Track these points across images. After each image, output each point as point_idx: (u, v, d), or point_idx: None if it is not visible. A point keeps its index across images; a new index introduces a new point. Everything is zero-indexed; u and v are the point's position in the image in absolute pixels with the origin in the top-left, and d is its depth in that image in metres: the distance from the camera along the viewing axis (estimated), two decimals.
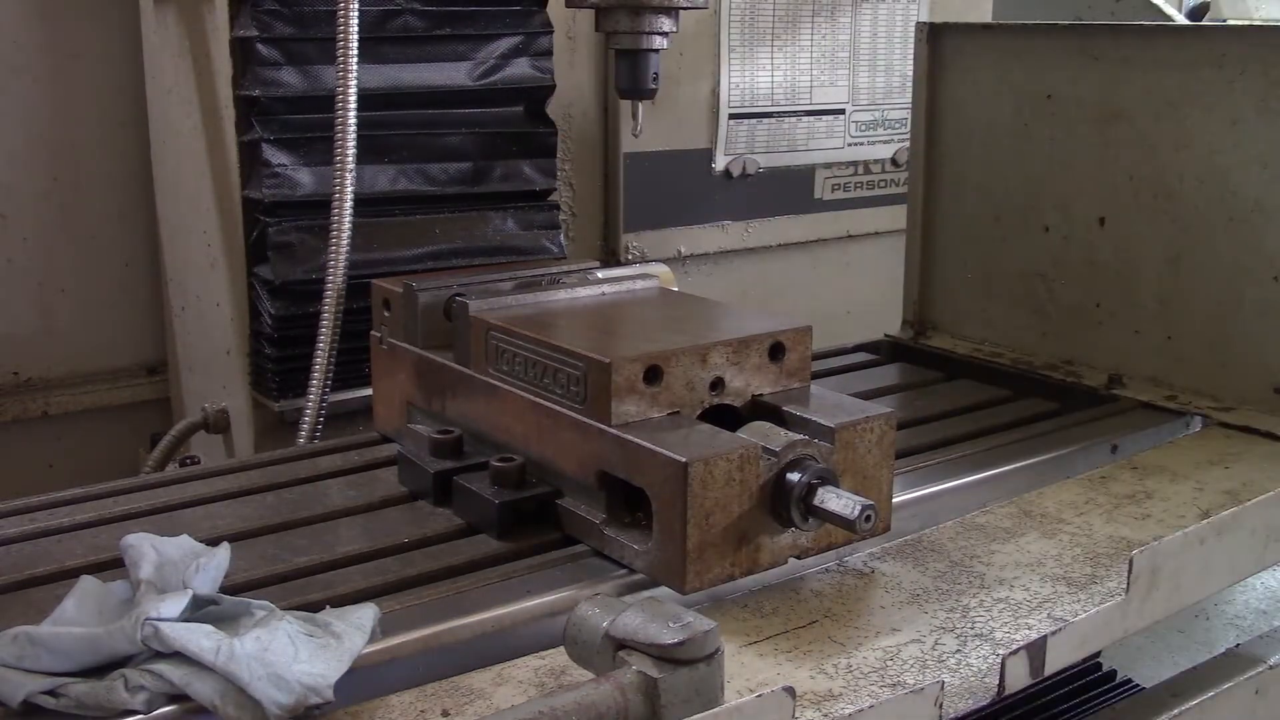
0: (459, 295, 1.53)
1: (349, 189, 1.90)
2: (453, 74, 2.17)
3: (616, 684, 0.96)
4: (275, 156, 2.02)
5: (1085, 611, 1.20)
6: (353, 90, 1.88)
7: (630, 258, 2.62)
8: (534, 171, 2.27)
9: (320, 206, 1.97)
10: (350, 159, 1.89)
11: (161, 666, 0.99)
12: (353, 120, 1.89)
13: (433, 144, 2.17)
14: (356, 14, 1.87)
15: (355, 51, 1.88)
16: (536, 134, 2.27)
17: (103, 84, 2.44)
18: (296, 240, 2.03)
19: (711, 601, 1.23)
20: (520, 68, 2.23)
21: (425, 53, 2.14)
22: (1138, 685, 1.66)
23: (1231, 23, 3.52)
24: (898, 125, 2.95)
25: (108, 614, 1.08)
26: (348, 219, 1.89)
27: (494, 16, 2.19)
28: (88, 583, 1.13)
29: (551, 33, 2.25)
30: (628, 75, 1.96)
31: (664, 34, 1.94)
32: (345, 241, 1.89)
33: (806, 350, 1.41)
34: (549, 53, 2.26)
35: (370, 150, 2.01)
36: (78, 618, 1.08)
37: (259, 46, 1.99)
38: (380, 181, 2.10)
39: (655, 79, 1.96)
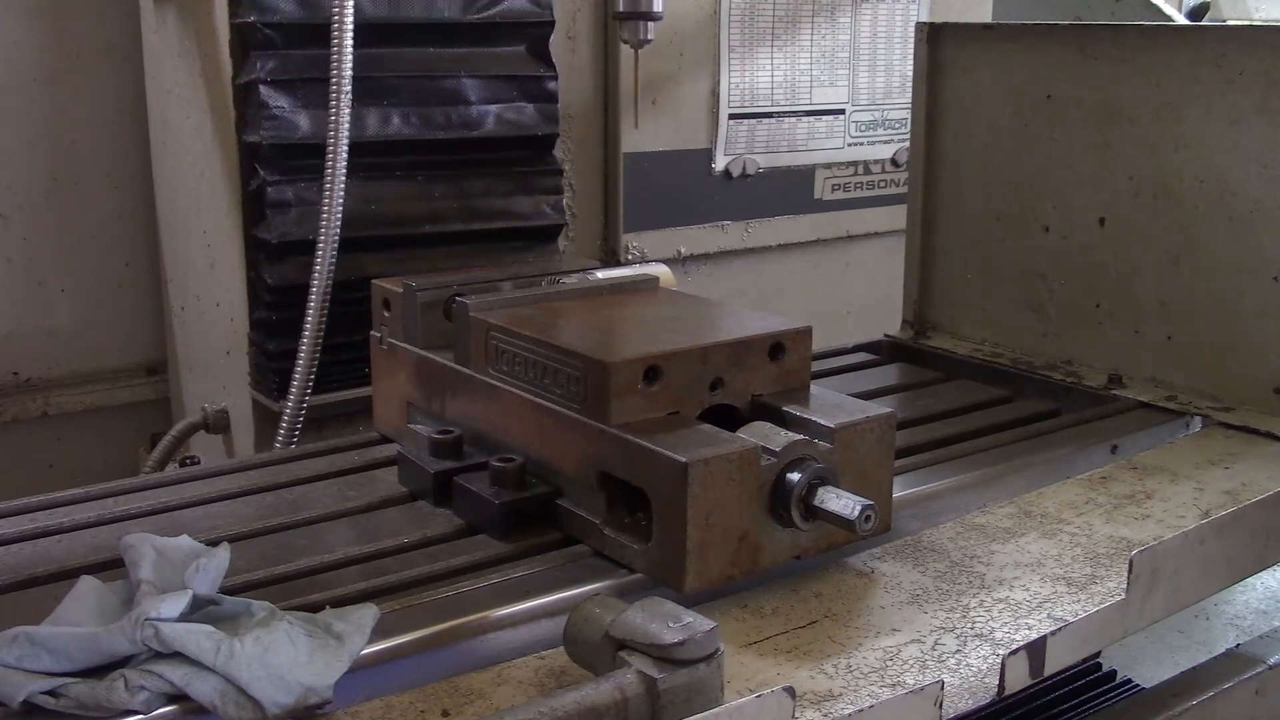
0: (459, 295, 1.53)
1: (345, 121, 1.87)
2: (448, 6, 2.12)
3: (616, 684, 0.96)
4: (273, 98, 2.00)
5: (1085, 611, 1.20)
6: (349, 19, 1.86)
7: (630, 258, 2.62)
8: (536, 117, 2.24)
9: (319, 152, 1.93)
10: (346, 93, 1.87)
11: (161, 666, 0.99)
12: (349, 54, 1.86)
13: (431, 87, 2.13)
14: None
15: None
16: (537, 77, 2.24)
17: (103, 84, 2.45)
18: (294, 197, 2.01)
19: (711, 601, 1.23)
20: (518, 2, 2.19)
21: None
22: (1138, 685, 1.66)
23: (1231, 23, 3.52)
24: (898, 125, 2.95)
25: (108, 614, 1.08)
26: (343, 160, 1.87)
27: None
28: (88, 583, 1.13)
29: None
30: None
31: None
32: (340, 188, 1.87)
33: (806, 350, 1.41)
34: None
35: (367, 93, 1.98)
36: (78, 618, 1.08)
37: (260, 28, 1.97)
38: (377, 125, 2.06)
39: None
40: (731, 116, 2.72)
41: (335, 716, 1.02)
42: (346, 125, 1.88)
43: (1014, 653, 1.09)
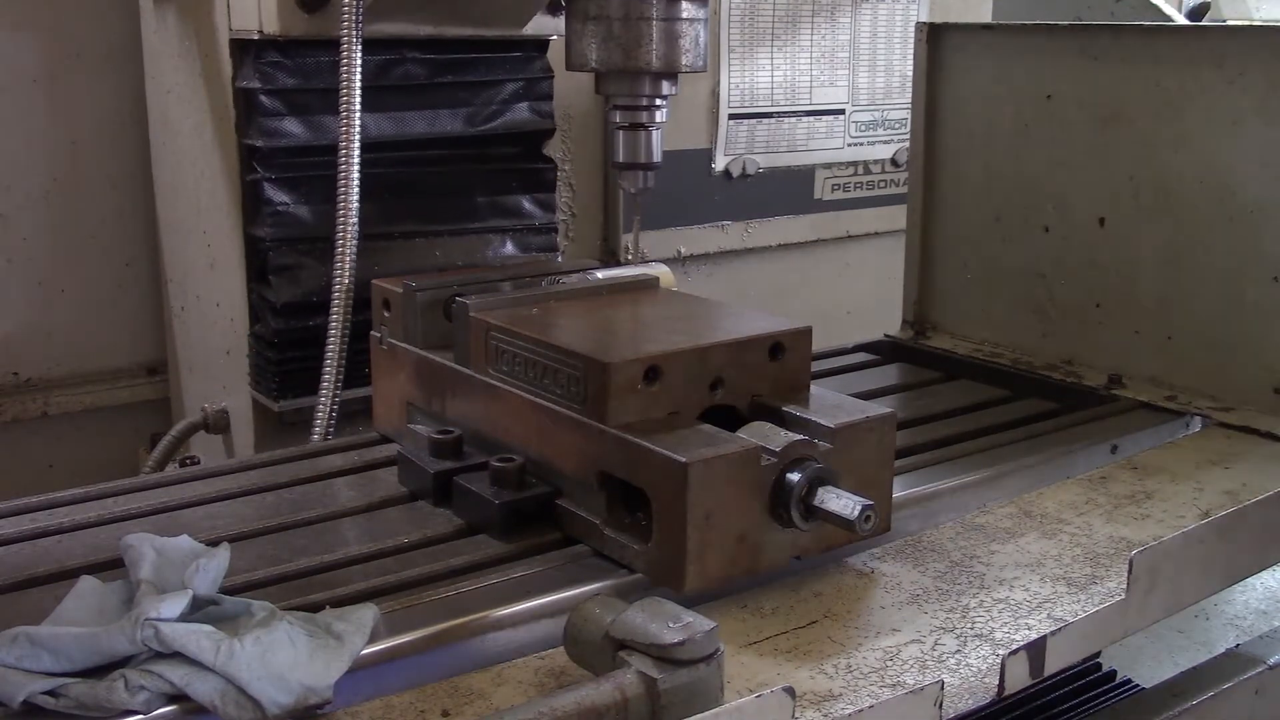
0: (459, 295, 1.53)
1: (354, 194, 1.89)
2: (452, 121, 2.16)
3: (616, 684, 0.96)
4: (276, 195, 2.03)
5: (1085, 611, 1.20)
6: (356, 128, 1.88)
7: (630, 258, 2.62)
8: (533, 206, 2.27)
9: (320, 241, 1.97)
10: (355, 169, 1.89)
11: (161, 666, 0.99)
12: (356, 146, 1.88)
13: (432, 182, 2.16)
14: (359, 64, 1.87)
15: (358, 103, 1.88)
16: (536, 169, 2.27)
17: (103, 84, 2.45)
18: (296, 263, 2.03)
19: (711, 601, 1.23)
20: (520, 113, 2.21)
21: (426, 99, 2.13)
22: (1138, 685, 1.67)
23: (1231, 23, 3.52)
24: (898, 125, 2.95)
25: (108, 614, 1.08)
26: (354, 211, 1.88)
27: (495, 63, 2.18)
28: (88, 583, 1.13)
29: (551, 77, 2.23)
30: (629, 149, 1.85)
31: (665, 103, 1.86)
32: (353, 237, 1.88)
33: (806, 350, 1.41)
34: (549, 96, 2.24)
35: (369, 188, 2.00)
36: (78, 618, 1.08)
37: (262, 99, 1.98)
38: (377, 216, 2.09)
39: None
40: (731, 116, 2.72)
41: (335, 716, 1.02)
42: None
43: (1014, 653, 1.09)
